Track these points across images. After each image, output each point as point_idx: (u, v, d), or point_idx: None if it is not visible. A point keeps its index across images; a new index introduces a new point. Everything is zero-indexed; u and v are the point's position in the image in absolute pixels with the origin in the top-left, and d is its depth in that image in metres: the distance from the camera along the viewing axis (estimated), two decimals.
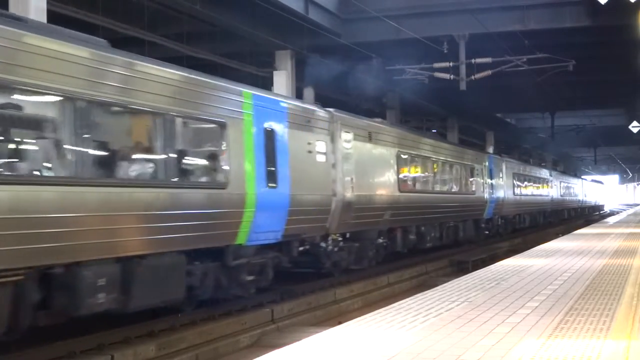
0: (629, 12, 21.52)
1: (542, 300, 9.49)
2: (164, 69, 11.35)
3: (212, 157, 12.50)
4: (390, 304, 9.71)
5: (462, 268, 22.53)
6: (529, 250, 18.84)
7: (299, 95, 25.67)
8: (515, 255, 17.47)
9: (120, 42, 16.16)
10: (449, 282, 11.84)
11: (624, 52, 27.62)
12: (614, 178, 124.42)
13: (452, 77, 24.88)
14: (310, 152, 15.34)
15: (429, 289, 11.32)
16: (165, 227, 10.83)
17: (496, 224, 33.67)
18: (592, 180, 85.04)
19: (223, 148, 12.36)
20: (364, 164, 18.19)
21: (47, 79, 9.00)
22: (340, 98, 31.02)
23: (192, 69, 12.66)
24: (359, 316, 8.66)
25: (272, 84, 25.22)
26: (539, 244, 21.73)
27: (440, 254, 25.14)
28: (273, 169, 13.70)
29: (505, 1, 24.70)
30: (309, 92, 26.94)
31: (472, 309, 8.87)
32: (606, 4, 22.03)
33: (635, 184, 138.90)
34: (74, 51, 9.59)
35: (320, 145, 15.91)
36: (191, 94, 11.72)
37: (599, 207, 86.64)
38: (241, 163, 12.77)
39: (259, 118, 13.41)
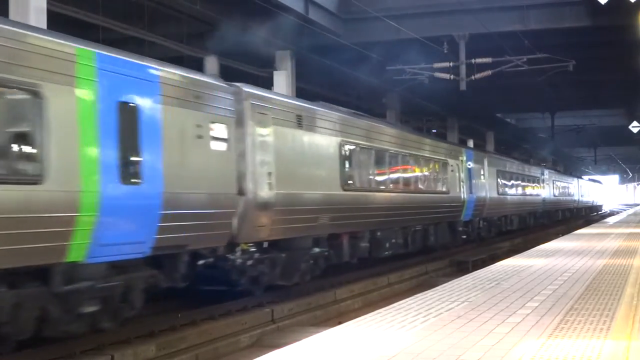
0: (629, 12, 21.53)
1: (542, 301, 9.48)
2: None
3: (16, 139, 8.80)
4: (390, 304, 9.71)
5: (462, 268, 22.52)
6: (529, 250, 18.83)
7: (299, 95, 25.63)
8: (515, 255, 17.46)
9: (120, 42, 16.19)
10: (449, 282, 11.84)
11: (624, 52, 27.63)
12: (614, 178, 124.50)
13: (452, 77, 24.89)
14: (200, 137, 11.73)
15: (429, 289, 11.31)
16: None
17: (476, 227, 30.02)
18: (590, 180, 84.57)
19: (36, 127, 8.86)
20: (291, 156, 14.69)
21: None
22: (340, 97, 31.07)
23: (192, 68, 12.59)
24: (359, 316, 8.65)
25: (272, 84, 25.24)
26: (539, 244, 21.73)
27: (440, 254, 25.15)
28: (134, 158, 10.34)
29: (505, 1, 24.72)
30: (211, 63, 22.51)
31: (472, 309, 8.87)
32: (606, 4, 22.04)
33: (635, 184, 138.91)
34: None
35: (219, 130, 12.28)
36: None
37: (597, 208, 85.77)
38: (72, 150, 9.34)
39: (109, 88, 9.96)
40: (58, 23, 15.59)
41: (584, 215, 67.10)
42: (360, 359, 6.29)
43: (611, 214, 71.50)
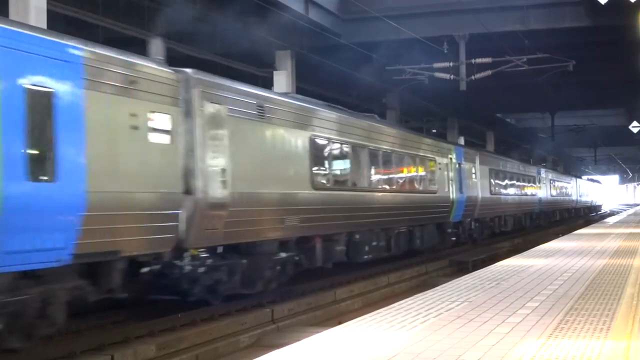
0: (629, 12, 21.53)
1: (542, 300, 9.48)
2: None
3: None
4: (390, 304, 9.71)
5: (462, 268, 22.51)
6: (529, 250, 18.83)
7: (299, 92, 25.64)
8: (515, 255, 17.46)
9: (120, 42, 16.17)
10: (449, 282, 11.84)
11: (624, 52, 27.63)
12: (614, 178, 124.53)
13: (452, 77, 24.89)
14: (135, 128, 10.36)
15: (429, 289, 11.31)
16: None
17: (468, 228, 28.47)
18: (589, 180, 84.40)
19: None
20: (250, 151, 13.27)
21: None
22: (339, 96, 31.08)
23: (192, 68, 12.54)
24: (359, 316, 8.65)
25: (272, 84, 25.26)
26: (538, 244, 21.73)
27: (440, 254, 25.15)
28: (47, 152, 8.98)
29: (505, 1, 24.73)
30: (156, 45, 20.15)
31: (472, 309, 8.87)
32: (606, 4, 22.05)
33: (635, 184, 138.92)
34: None
35: (160, 120, 10.95)
36: None
37: (596, 208, 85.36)
38: None
39: (13, 69, 8.64)
40: (58, 23, 15.58)
41: (582, 216, 66.57)
42: (360, 359, 6.29)
43: (611, 214, 71.45)
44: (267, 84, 24.63)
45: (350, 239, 17.68)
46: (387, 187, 19.96)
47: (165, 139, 11.02)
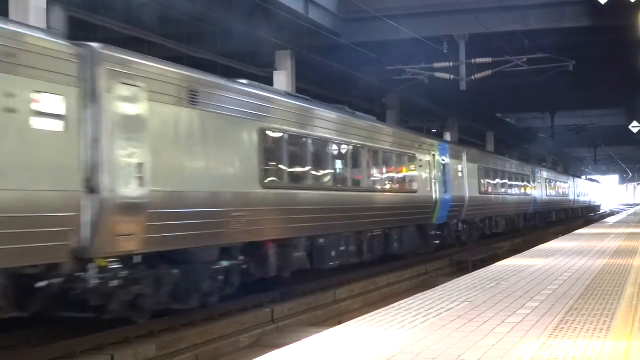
0: (629, 12, 21.53)
1: (542, 301, 9.49)
2: None
3: None
4: (390, 304, 9.71)
5: (462, 268, 22.52)
6: (529, 250, 18.83)
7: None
8: (515, 255, 17.46)
9: (120, 42, 16.16)
10: (449, 282, 11.84)
11: (624, 52, 27.63)
12: (614, 178, 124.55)
13: (452, 77, 24.88)
14: (12, 111, 8.52)
15: (429, 289, 11.32)
16: None
17: (454, 230, 26.75)
18: (587, 179, 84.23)
19: None
20: (180, 143, 11.35)
21: None
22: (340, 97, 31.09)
23: (192, 68, 12.53)
24: (359, 316, 8.65)
25: (272, 84, 25.26)
26: (538, 244, 21.73)
27: (440, 254, 25.15)
28: None
29: (505, 1, 24.73)
30: (56, 14, 16.90)
31: (472, 309, 8.87)
32: (606, 4, 22.05)
33: (635, 184, 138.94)
34: None
35: (50, 103, 9.04)
36: None
37: (595, 208, 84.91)
38: None
39: None
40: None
41: (580, 216, 66.11)
42: (360, 359, 6.29)
43: (611, 214, 71.41)
44: (267, 84, 24.63)
45: (313, 244, 15.82)
46: (357, 185, 18.15)
47: (56, 126, 9.11)
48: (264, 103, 14.01)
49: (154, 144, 10.74)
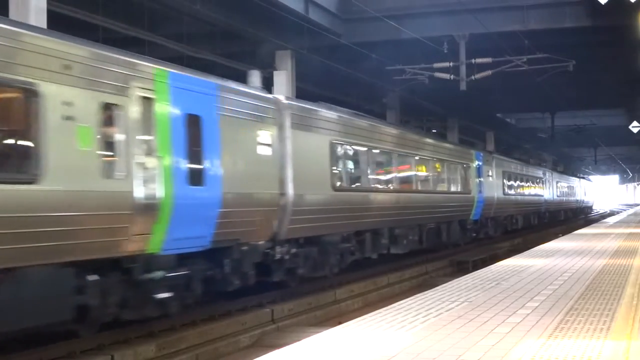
0: (629, 12, 21.54)
1: (542, 301, 9.49)
2: None
3: None
4: (390, 304, 9.71)
5: (462, 268, 22.52)
6: (529, 250, 18.83)
7: (299, 96, 25.66)
8: (515, 255, 17.46)
9: (120, 42, 16.17)
10: (449, 282, 11.84)
11: (624, 52, 27.64)
12: (614, 178, 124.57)
13: (452, 77, 24.89)
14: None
15: (429, 289, 11.31)
16: None
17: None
18: (587, 179, 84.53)
19: None
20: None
21: None
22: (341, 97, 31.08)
23: (193, 68, 12.58)
24: (359, 316, 8.65)
25: (272, 84, 25.25)
26: (539, 244, 21.72)
27: (440, 254, 25.16)
28: None
29: (505, 1, 24.73)
30: None
31: (472, 309, 8.87)
32: (606, 4, 22.05)
33: (635, 184, 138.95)
34: None
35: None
36: None
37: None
38: None
39: None
40: (58, 23, 15.58)
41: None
42: (360, 359, 6.29)
43: (611, 214, 71.49)
44: (267, 84, 24.64)
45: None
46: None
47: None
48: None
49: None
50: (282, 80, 25.25)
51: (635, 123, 45.25)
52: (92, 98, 9.58)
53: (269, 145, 13.60)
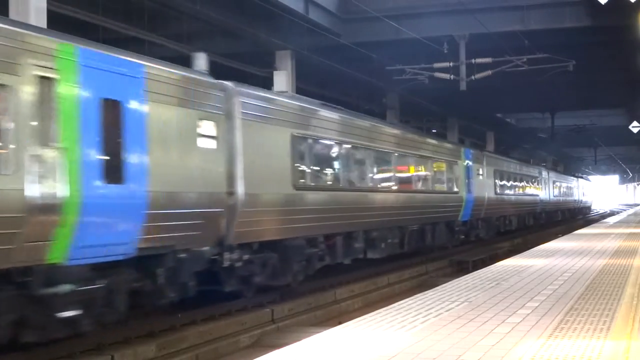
0: (629, 12, 21.54)
1: (542, 301, 9.48)
2: None
3: None
4: (390, 304, 9.70)
5: (462, 268, 22.52)
6: (529, 250, 18.82)
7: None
8: (515, 255, 17.45)
9: (120, 42, 16.16)
10: (449, 282, 11.83)
11: (624, 52, 27.63)
12: (614, 178, 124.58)
13: (452, 77, 24.89)
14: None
15: (429, 289, 11.31)
16: None
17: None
18: (586, 179, 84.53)
19: None
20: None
21: None
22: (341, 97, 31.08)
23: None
24: (359, 316, 8.65)
25: (272, 84, 25.26)
26: (539, 244, 21.72)
27: (440, 254, 25.16)
28: None
29: (505, 1, 24.74)
30: None
31: (472, 309, 8.87)
32: (606, 4, 22.05)
33: (635, 184, 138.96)
34: None
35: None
36: None
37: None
38: None
39: None
40: (58, 23, 15.58)
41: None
42: (360, 359, 6.29)
43: (611, 214, 71.47)
44: (267, 84, 24.65)
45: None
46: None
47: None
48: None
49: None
50: (282, 80, 25.25)
51: (635, 123, 45.26)
52: None
53: (212, 137, 11.80)
